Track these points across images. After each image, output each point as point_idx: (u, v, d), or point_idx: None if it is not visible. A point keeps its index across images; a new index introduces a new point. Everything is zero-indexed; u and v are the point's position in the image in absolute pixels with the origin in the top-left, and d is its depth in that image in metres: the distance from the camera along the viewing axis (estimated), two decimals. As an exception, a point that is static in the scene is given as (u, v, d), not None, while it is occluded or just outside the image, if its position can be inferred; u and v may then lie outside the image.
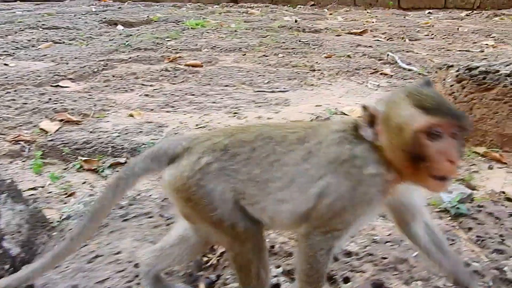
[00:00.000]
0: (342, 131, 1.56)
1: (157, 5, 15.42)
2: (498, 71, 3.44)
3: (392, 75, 6.33)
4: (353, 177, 1.49)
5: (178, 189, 1.58)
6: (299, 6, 15.21)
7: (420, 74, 6.20)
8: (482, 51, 7.56)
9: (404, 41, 8.72)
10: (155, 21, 11.33)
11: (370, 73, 6.50)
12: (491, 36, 9.01)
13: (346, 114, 4.72)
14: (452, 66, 3.73)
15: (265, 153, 1.57)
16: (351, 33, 9.74)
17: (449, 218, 2.42)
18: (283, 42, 8.50)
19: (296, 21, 11.24)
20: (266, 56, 7.49)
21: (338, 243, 1.56)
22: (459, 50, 7.69)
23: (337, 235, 1.53)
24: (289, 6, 15.12)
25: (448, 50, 7.75)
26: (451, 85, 3.68)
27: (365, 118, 1.52)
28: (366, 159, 1.50)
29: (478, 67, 3.54)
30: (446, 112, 1.41)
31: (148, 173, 1.68)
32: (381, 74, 6.42)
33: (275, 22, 11.12)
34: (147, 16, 12.00)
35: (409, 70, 6.42)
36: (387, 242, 2.13)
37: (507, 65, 3.45)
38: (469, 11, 13.64)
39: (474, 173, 3.27)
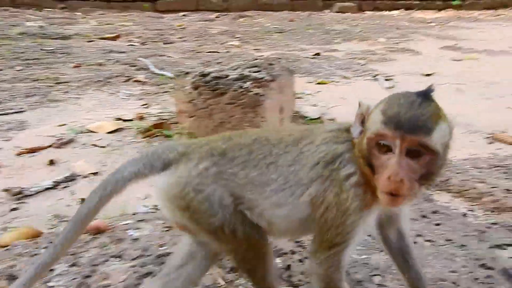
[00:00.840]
0: (334, 130, 1.52)
1: None
2: (227, 75, 3.56)
3: (145, 82, 6.15)
4: (336, 181, 1.43)
5: (175, 197, 1.52)
6: (46, 9, 13.77)
7: (172, 79, 6.19)
8: (228, 52, 8.07)
9: (158, 44, 8.68)
10: None
11: (123, 81, 6.19)
12: (236, 36, 9.75)
13: (93, 131, 4.31)
14: (188, 73, 3.73)
15: (262, 155, 1.54)
16: (104, 38, 9.23)
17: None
18: (23, 52, 7.46)
19: (41, 26, 10.08)
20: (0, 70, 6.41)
21: (345, 257, 1.49)
22: (208, 52, 8.04)
23: (340, 249, 1.46)
24: (34, 10, 13.53)
25: (198, 52, 8.02)
26: (190, 92, 3.66)
27: (358, 116, 1.44)
28: (345, 159, 1.44)
29: (210, 73, 3.61)
30: (396, 123, 1.27)
31: (138, 178, 1.58)
32: (134, 81, 6.18)
33: (15, 28, 9.74)
34: None
35: (162, 75, 6.34)
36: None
37: (235, 69, 3.61)
38: (218, 13, 14.61)
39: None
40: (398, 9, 17.67)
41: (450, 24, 12.71)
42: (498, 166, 3.15)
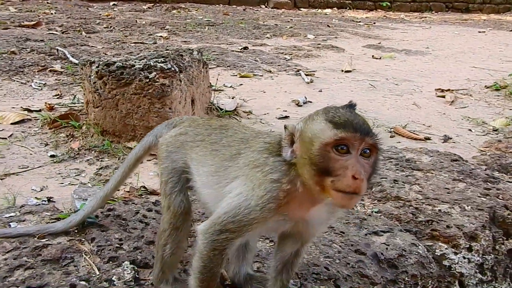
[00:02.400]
0: (269, 142, 1.61)
1: None
2: (133, 65, 3.49)
3: (62, 72, 5.89)
4: (256, 180, 1.51)
5: (158, 147, 1.91)
6: (-38, -8, 12.78)
7: (76, 65, 5.96)
8: (155, 43, 7.92)
9: (81, 34, 8.35)
10: None
11: (38, 71, 5.89)
12: (165, 28, 9.59)
13: (-6, 122, 4.07)
14: (93, 62, 3.60)
15: (213, 140, 1.74)
16: (22, 26, 8.72)
17: (76, 230, 2.25)
18: None
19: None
20: None
21: (231, 246, 1.56)
22: (135, 42, 7.85)
23: (231, 237, 1.53)
24: None
25: (124, 42, 7.80)
26: (94, 82, 3.55)
27: (286, 138, 1.51)
28: (275, 169, 1.51)
29: (115, 62, 3.52)
30: (353, 127, 1.38)
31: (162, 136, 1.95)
32: (50, 71, 5.90)
33: None
34: None
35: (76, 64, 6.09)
36: None
37: (142, 59, 3.54)
38: (151, 4, 14.29)
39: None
40: (331, 7, 18.17)
41: (377, 24, 13.24)
42: (392, 158, 3.33)
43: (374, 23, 13.52)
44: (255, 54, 7.51)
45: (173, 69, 3.53)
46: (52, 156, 3.50)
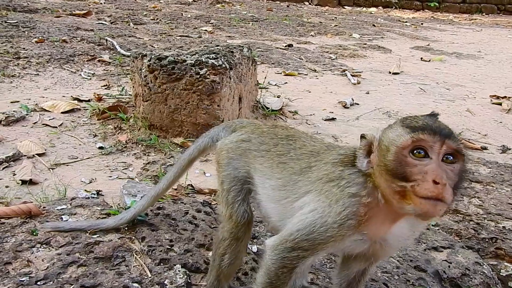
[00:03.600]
0: (343, 154, 1.52)
1: None
2: (185, 60, 3.46)
3: (110, 62, 5.98)
4: (333, 195, 1.41)
5: (216, 152, 1.85)
6: (16, -19, 13.22)
7: (128, 57, 6.01)
8: (200, 37, 7.93)
9: (129, 25, 8.46)
10: None
11: (87, 60, 6.00)
12: (210, 22, 9.59)
13: (47, 110, 4.14)
14: (145, 55, 3.60)
15: (280, 152, 1.66)
16: (73, 15, 8.92)
17: (126, 227, 2.23)
18: (-17, 24, 7.13)
19: (7, -3, 9.66)
20: (-44, 41, 6.12)
21: (302, 265, 1.46)
22: (180, 36, 7.87)
23: (303, 256, 1.43)
24: (3, -20, 12.97)
25: (170, 35, 7.85)
26: (145, 76, 3.55)
27: (363, 148, 1.43)
28: (352, 182, 1.41)
29: (167, 56, 3.50)
30: (431, 129, 1.29)
31: (219, 138, 1.91)
32: (98, 61, 6.00)
33: (-22, -2, 9.32)
34: None
35: (128, 56, 6.17)
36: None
37: (193, 55, 3.50)
38: (196, -3, 14.36)
39: (171, 166, 3.23)
40: (377, 6, 17.77)
41: (425, 25, 12.82)
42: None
43: (422, 23, 13.10)
44: (300, 52, 7.39)
45: (224, 66, 3.48)
46: (100, 148, 3.52)
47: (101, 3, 10.85)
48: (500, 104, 5.12)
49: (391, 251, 1.53)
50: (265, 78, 5.82)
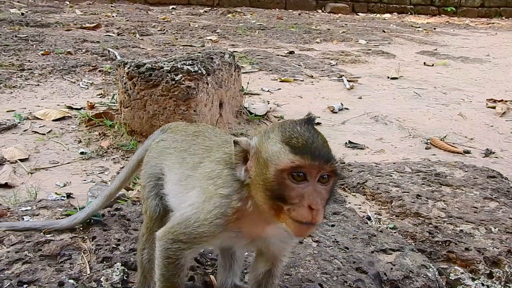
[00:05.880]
0: (228, 153, 1.51)
1: None
2: (162, 67, 3.54)
3: (110, 72, 6.13)
4: (208, 193, 1.45)
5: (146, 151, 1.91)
6: (36, -4, 13.73)
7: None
8: (203, 46, 8.05)
9: (135, 36, 8.66)
10: None
11: (88, 71, 6.18)
12: (216, 31, 9.72)
13: (39, 118, 4.29)
14: (126, 63, 3.69)
15: (183, 147, 1.72)
16: (83, 28, 9.20)
17: (81, 227, 2.30)
18: (-5, 38, 7.43)
19: (22, 14, 10.06)
20: (-35, 54, 6.39)
21: (185, 256, 1.51)
22: (183, 45, 8.01)
23: (183, 248, 1.48)
24: (23, -3, 13.49)
25: (173, 45, 8.00)
26: (125, 83, 3.64)
27: (237, 155, 1.40)
28: (227, 183, 1.43)
29: (145, 64, 3.58)
30: (312, 153, 1.26)
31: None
32: (99, 71, 6.17)
33: (-4, 14, 9.72)
34: None
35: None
36: None
37: (170, 62, 3.58)
38: (209, 8, 14.58)
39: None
40: (391, 12, 17.64)
41: (438, 30, 12.66)
42: (420, 172, 3.13)
43: (435, 28, 12.94)
44: (300, 59, 7.42)
45: (200, 71, 3.54)
46: (82, 153, 3.63)
47: (113, 16, 11.14)
48: (494, 107, 5.02)
49: (276, 249, 1.53)
50: (248, 83, 5.88)
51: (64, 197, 2.85)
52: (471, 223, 2.48)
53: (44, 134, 3.98)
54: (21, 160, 3.45)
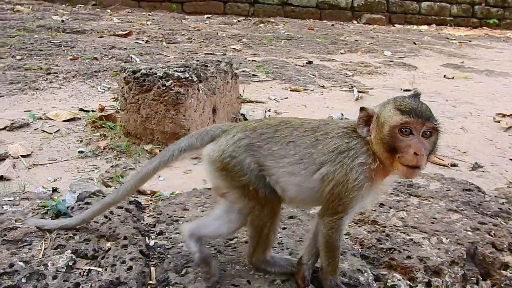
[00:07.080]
0: (345, 127, 1.89)
1: None
2: (155, 73, 3.74)
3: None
4: (347, 166, 1.80)
5: (215, 160, 1.93)
6: (79, 5, 14.54)
7: None
8: (225, 54, 8.27)
9: (161, 43, 9.01)
10: None
11: (109, 76, 6.51)
12: (241, 41, 9.94)
13: (50, 119, 4.61)
14: (125, 69, 3.93)
15: (284, 134, 1.91)
16: (116, 35, 9.67)
17: (51, 218, 2.50)
18: (31, 43, 7.98)
19: (63, 21, 10.69)
20: (1, 58, 6.91)
21: (344, 222, 1.88)
22: (205, 53, 8.27)
23: (341, 216, 1.84)
24: (67, 5, 14.32)
25: (195, 53, 8.27)
26: (122, 87, 3.87)
27: (361, 118, 1.84)
28: (358, 151, 1.81)
29: (140, 69, 3.80)
30: (416, 113, 1.70)
31: (192, 148, 2.03)
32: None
33: (39, 21, 10.39)
34: None
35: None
36: None
37: (163, 68, 3.78)
38: (243, 18, 14.87)
39: (131, 170, 3.50)
40: (429, 24, 17.29)
41: (473, 43, 12.33)
42: (394, 182, 3.14)
43: (470, 41, 12.60)
44: (317, 69, 7.48)
45: (190, 78, 3.72)
46: (80, 152, 3.88)
47: (147, 25, 11.61)
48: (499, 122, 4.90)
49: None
50: (270, 93, 5.99)
51: (49, 190, 3.09)
52: (424, 233, 2.49)
53: (51, 133, 4.28)
54: (23, 156, 3.74)
